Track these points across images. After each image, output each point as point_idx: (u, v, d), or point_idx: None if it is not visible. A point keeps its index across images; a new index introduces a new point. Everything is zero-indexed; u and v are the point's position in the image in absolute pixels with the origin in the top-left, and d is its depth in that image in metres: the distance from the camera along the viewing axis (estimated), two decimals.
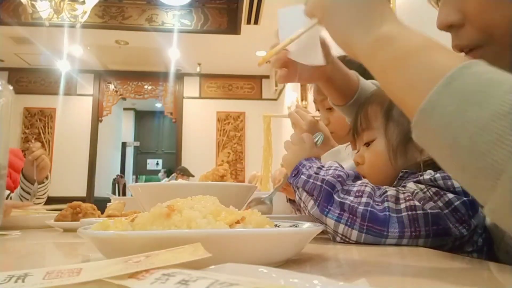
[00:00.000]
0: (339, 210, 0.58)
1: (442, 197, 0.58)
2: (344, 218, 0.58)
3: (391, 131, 0.70)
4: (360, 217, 0.56)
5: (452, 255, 0.47)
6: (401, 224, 0.56)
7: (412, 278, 0.36)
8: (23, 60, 5.72)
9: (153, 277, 0.22)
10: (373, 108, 0.74)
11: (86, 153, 6.00)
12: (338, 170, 0.63)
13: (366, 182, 0.62)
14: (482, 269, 0.42)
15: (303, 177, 0.64)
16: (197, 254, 0.24)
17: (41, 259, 0.54)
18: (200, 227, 0.36)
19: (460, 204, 0.57)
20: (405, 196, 0.59)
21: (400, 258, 0.49)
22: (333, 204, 0.59)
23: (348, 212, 0.57)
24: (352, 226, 0.57)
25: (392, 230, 0.55)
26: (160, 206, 0.39)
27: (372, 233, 0.56)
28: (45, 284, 0.23)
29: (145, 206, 0.68)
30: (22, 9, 4.23)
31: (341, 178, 0.61)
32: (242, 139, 6.19)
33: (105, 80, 6.24)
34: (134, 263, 0.24)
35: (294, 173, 0.67)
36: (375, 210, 0.57)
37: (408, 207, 0.57)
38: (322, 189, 0.60)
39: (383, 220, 0.56)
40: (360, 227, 0.56)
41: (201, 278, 0.20)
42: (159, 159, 9.93)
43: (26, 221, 1.00)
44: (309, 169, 0.65)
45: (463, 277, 0.36)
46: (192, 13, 4.79)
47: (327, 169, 0.64)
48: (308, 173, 0.64)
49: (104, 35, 4.93)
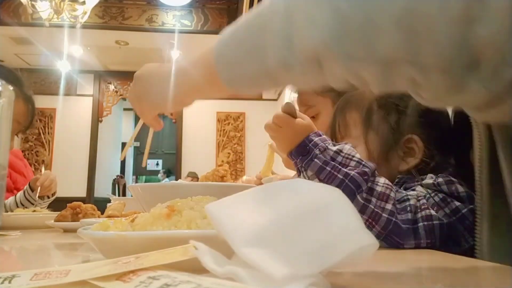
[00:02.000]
0: (358, 211, 0.53)
1: (449, 204, 0.55)
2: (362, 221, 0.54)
3: (371, 140, 0.68)
4: (382, 226, 0.52)
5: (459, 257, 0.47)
6: (417, 235, 0.53)
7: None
8: (23, 61, 5.72)
9: (138, 280, 0.22)
10: (352, 115, 0.71)
11: (86, 153, 6.00)
12: (362, 165, 0.56)
13: (389, 183, 0.57)
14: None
15: (318, 161, 0.56)
16: (187, 254, 0.24)
17: (41, 260, 0.53)
18: (200, 227, 0.36)
19: (468, 212, 0.54)
20: (421, 204, 0.55)
21: (397, 262, 0.48)
22: (353, 203, 0.53)
23: (368, 216, 0.53)
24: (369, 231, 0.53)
25: (409, 242, 0.52)
26: (160, 207, 0.39)
27: (388, 242, 0.53)
28: (32, 285, 0.23)
29: (145, 207, 0.68)
30: (22, 9, 4.23)
31: (367, 176, 0.55)
32: (242, 140, 6.18)
33: (105, 80, 6.24)
34: (123, 264, 0.24)
35: (302, 152, 0.59)
36: (399, 221, 0.53)
37: (424, 217, 0.53)
38: (344, 184, 0.54)
39: (404, 233, 0.52)
40: (378, 234, 0.52)
41: (184, 282, 0.20)
42: (159, 160, 9.92)
43: (26, 221, 1.00)
44: (323, 151, 0.57)
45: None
46: (192, 13, 4.79)
47: (346, 157, 0.57)
48: (323, 158, 0.56)
49: (104, 36, 4.93)
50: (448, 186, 0.57)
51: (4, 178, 0.58)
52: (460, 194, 0.56)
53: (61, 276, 0.24)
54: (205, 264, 0.22)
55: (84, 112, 6.10)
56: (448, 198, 0.56)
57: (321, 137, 0.60)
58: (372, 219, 0.53)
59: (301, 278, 0.21)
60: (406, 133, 0.66)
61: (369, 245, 0.25)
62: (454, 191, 0.56)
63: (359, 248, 0.24)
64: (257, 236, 0.23)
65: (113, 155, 7.85)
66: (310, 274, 0.21)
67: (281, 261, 0.22)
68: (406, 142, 0.66)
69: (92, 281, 0.23)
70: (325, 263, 0.23)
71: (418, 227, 0.53)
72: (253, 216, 0.25)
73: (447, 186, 0.57)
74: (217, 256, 0.24)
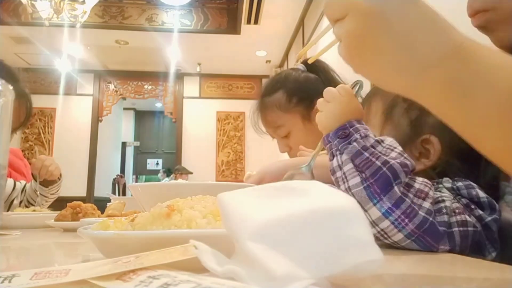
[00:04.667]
0: (392, 204, 0.48)
1: (473, 211, 0.52)
2: (394, 216, 0.48)
3: (388, 132, 0.65)
4: (416, 224, 0.48)
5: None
6: (452, 240, 0.49)
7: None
8: (23, 60, 5.71)
9: (138, 279, 0.22)
10: (376, 103, 0.68)
11: (86, 153, 6.00)
12: (403, 157, 0.52)
13: (427, 181, 0.53)
14: None
15: (356, 145, 0.52)
16: (187, 254, 0.24)
17: (41, 259, 0.53)
18: (200, 227, 0.36)
19: (492, 221, 0.51)
20: (455, 208, 0.51)
21: (409, 265, 0.46)
22: (388, 195, 0.49)
23: (403, 211, 0.48)
24: (400, 229, 0.48)
25: (442, 246, 0.49)
26: (160, 206, 0.39)
27: (420, 243, 0.48)
28: (31, 284, 0.23)
29: (145, 206, 0.68)
30: (22, 9, 4.22)
31: (407, 168, 0.51)
32: (242, 139, 6.18)
33: (105, 80, 6.24)
34: (123, 263, 0.24)
35: (341, 135, 0.55)
36: (436, 222, 0.49)
37: (460, 222, 0.50)
38: (381, 172, 0.49)
39: (440, 236, 0.48)
40: (410, 233, 0.48)
41: (184, 281, 0.20)
42: (159, 159, 9.92)
43: (26, 221, 1.00)
44: (364, 138, 0.53)
45: None
46: (192, 13, 4.79)
47: (387, 147, 0.53)
48: (363, 143, 0.52)
49: (104, 35, 4.92)
50: (468, 191, 0.53)
51: (4, 178, 0.58)
52: (481, 199, 0.53)
53: (61, 275, 0.24)
54: (205, 264, 0.22)
55: (84, 111, 6.10)
56: (471, 205, 0.52)
57: (364, 125, 0.56)
58: (405, 216, 0.48)
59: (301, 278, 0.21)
60: (425, 132, 0.62)
61: (377, 260, 0.25)
62: (475, 196, 0.53)
63: (366, 262, 0.24)
64: (263, 232, 0.23)
65: (113, 155, 7.85)
66: (311, 277, 0.21)
67: (284, 260, 0.22)
68: (423, 142, 0.62)
69: (92, 281, 0.23)
70: (329, 270, 0.23)
71: (453, 232, 0.49)
72: (263, 212, 0.25)
73: (467, 191, 0.53)
74: (217, 255, 0.24)
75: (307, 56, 1.88)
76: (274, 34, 4.82)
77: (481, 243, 0.51)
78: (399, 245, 0.50)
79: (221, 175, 6.03)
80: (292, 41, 5.00)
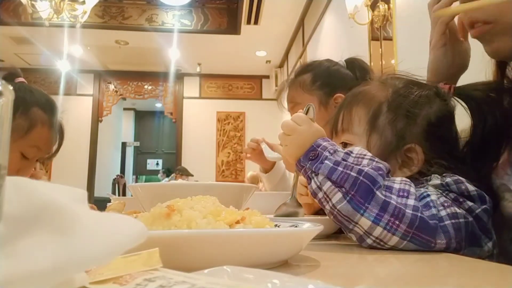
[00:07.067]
0: (379, 210, 0.49)
1: (462, 204, 0.53)
2: (384, 221, 0.49)
3: (373, 142, 0.65)
4: (407, 223, 0.48)
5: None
6: (447, 234, 0.49)
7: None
8: (23, 60, 5.72)
9: (134, 282, 0.22)
10: (358, 111, 0.68)
11: (86, 153, 6.00)
12: (375, 161, 0.54)
13: (406, 180, 0.54)
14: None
15: (328, 163, 0.53)
16: (151, 263, 0.24)
17: None
18: (200, 227, 0.36)
19: (482, 212, 0.52)
20: (443, 201, 0.52)
21: (411, 263, 0.46)
22: (372, 201, 0.49)
23: (391, 214, 0.49)
24: (393, 232, 0.48)
25: (439, 241, 0.49)
26: (160, 206, 0.39)
27: (416, 242, 0.49)
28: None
29: (145, 206, 0.68)
30: (22, 9, 4.23)
31: (382, 171, 0.52)
32: (242, 139, 6.18)
33: (105, 80, 6.24)
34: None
35: (312, 156, 0.56)
36: (425, 217, 0.49)
37: (451, 215, 0.50)
38: (358, 182, 0.50)
39: (433, 229, 0.49)
40: (404, 234, 0.48)
41: (179, 283, 0.21)
42: (159, 159, 9.93)
43: None
44: (334, 153, 0.55)
45: None
46: (192, 13, 4.79)
47: (358, 156, 0.55)
48: (334, 158, 0.54)
49: (104, 35, 4.93)
50: (457, 186, 0.54)
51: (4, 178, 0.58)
52: (471, 193, 0.53)
53: None
54: None
55: (84, 111, 6.10)
56: (460, 198, 0.53)
57: (330, 141, 0.58)
58: (395, 218, 0.49)
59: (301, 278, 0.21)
60: (409, 141, 0.63)
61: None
62: (465, 190, 0.53)
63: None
64: None
65: (113, 155, 7.86)
66: None
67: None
68: (406, 151, 0.63)
69: (90, 286, 0.23)
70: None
71: (446, 225, 0.49)
72: None
73: (456, 186, 0.54)
74: None
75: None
76: (274, 34, 4.83)
77: (476, 234, 0.51)
78: (398, 248, 0.50)
79: (221, 175, 6.03)
80: (292, 41, 5.00)
